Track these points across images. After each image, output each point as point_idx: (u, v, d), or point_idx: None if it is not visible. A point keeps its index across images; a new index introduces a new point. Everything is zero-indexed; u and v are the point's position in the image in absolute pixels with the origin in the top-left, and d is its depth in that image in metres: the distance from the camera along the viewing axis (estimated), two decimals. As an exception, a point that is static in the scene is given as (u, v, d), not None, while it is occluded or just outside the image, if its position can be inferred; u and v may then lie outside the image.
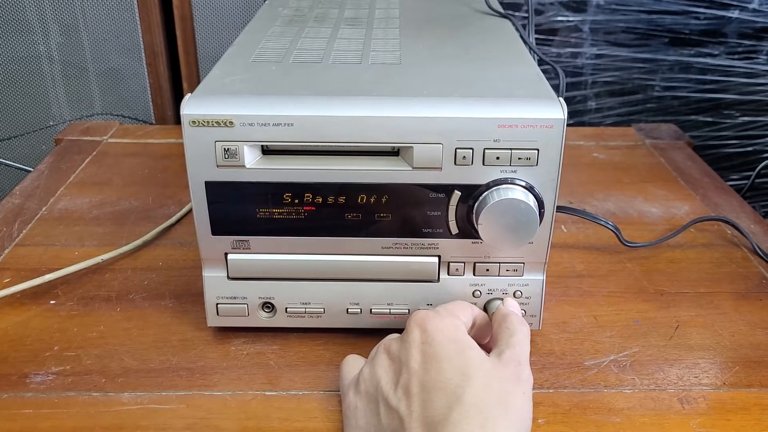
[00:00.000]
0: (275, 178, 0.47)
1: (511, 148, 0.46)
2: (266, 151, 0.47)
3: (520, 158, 0.46)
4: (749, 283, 0.62)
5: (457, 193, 0.47)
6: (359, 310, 0.53)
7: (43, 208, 0.73)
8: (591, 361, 0.53)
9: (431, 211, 0.48)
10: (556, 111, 0.45)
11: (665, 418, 0.48)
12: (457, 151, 0.46)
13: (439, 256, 0.51)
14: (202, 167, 0.47)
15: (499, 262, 0.51)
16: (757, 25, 1.03)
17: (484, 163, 0.46)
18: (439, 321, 0.44)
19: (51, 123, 1.03)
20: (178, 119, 0.45)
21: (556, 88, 0.51)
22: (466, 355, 0.42)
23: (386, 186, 0.47)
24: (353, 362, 0.48)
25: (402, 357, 0.43)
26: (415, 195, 0.48)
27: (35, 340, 0.54)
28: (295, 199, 0.48)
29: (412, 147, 0.46)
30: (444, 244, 0.50)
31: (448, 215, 0.48)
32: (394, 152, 0.47)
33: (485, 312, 0.51)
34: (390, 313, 0.53)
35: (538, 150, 0.46)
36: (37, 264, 0.63)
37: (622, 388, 0.50)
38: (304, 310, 0.53)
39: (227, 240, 0.50)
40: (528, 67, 0.54)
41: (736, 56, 1.05)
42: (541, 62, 0.59)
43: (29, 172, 0.83)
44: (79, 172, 0.81)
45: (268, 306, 0.53)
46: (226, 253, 0.51)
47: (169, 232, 0.69)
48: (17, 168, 1.02)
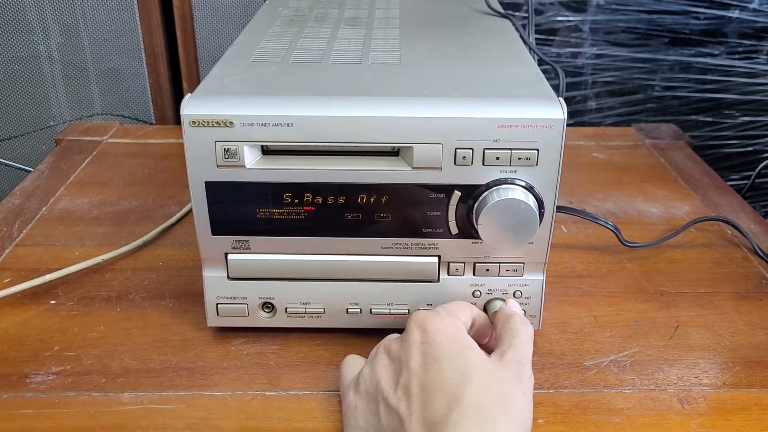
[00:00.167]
0: (275, 178, 0.47)
1: (511, 148, 0.46)
2: (266, 151, 0.47)
3: (520, 158, 0.46)
4: (749, 283, 0.62)
5: (457, 193, 0.47)
6: (359, 310, 0.53)
7: (44, 208, 0.73)
8: (591, 361, 0.53)
9: (431, 211, 0.48)
10: (556, 111, 0.45)
11: (665, 419, 0.48)
12: (457, 151, 0.46)
13: (439, 256, 0.51)
14: (202, 167, 0.47)
15: (499, 262, 0.51)
16: (758, 24, 1.03)
17: (484, 163, 0.46)
18: (439, 321, 0.44)
19: (51, 123, 1.03)
20: (178, 119, 0.45)
21: (556, 88, 0.51)
22: (466, 355, 0.42)
23: (386, 186, 0.47)
24: (353, 362, 0.48)
25: (402, 357, 0.43)
26: (415, 195, 0.48)
27: (35, 340, 0.54)
28: (295, 199, 0.48)
29: (412, 147, 0.46)
30: (444, 244, 0.50)
31: (448, 215, 0.48)
32: (394, 152, 0.47)
33: (485, 312, 0.51)
34: (390, 314, 0.53)
35: (538, 150, 0.46)
36: (38, 264, 0.63)
37: (622, 388, 0.50)
38: (304, 310, 0.53)
39: (227, 240, 0.50)
40: (528, 67, 0.54)
41: (737, 56, 1.05)
42: (541, 62, 0.59)
43: (29, 172, 0.83)
44: (80, 172, 0.81)
45: (268, 306, 0.53)
46: (226, 253, 0.51)
47: (169, 232, 0.69)
48: (17, 168, 1.02)
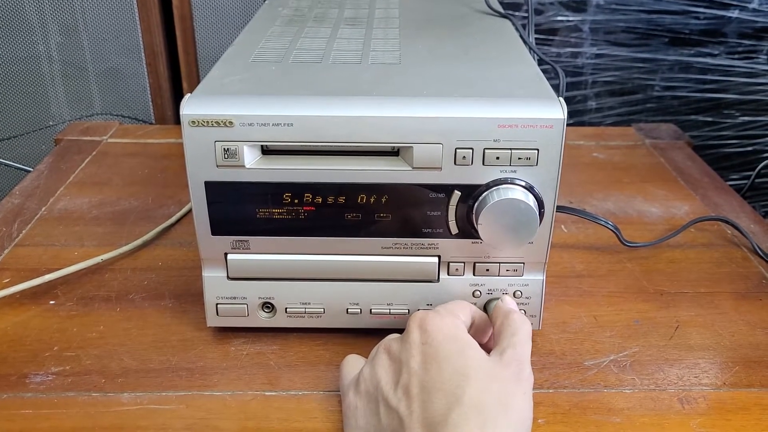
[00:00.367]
0: (275, 178, 0.47)
1: (511, 148, 0.46)
2: (266, 151, 0.47)
3: (520, 158, 0.46)
4: (749, 283, 0.62)
5: (457, 193, 0.47)
6: (359, 310, 0.53)
7: (43, 208, 0.73)
8: (591, 361, 0.53)
9: (431, 211, 0.48)
10: (556, 111, 0.45)
11: (665, 418, 0.48)
12: (457, 151, 0.46)
13: (439, 256, 0.51)
14: (202, 167, 0.47)
15: (499, 262, 0.51)
16: (757, 24, 1.03)
17: (484, 163, 0.46)
18: (440, 321, 0.44)
19: (51, 123, 1.03)
20: (178, 119, 0.45)
21: (556, 88, 0.51)
22: (466, 355, 0.42)
23: (386, 186, 0.47)
24: (353, 362, 0.48)
25: (402, 357, 0.43)
26: (415, 195, 0.48)
27: (35, 341, 0.54)
28: (294, 199, 0.48)
29: (412, 147, 0.46)
30: (444, 244, 0.50)
31: (448, 215, 0.48)
32: (394, 152, 0.47)
33: (485, 312, 0.51)
34: (390, 314, 0.53)
35: (538, 150, 0.46)
36: (37, 264, 0.63)
37: (622, 388, 0.50)
38: (303, 310, 0.53)
39: (227, 240, 0.50)
40: (528, 67, 0.54)
41: (736, 56, 1.05)
42: (541, 62, 0.59)
43: (29, 172, 0.83)
44: (79, 172, 0.81)
45: (268, 306, 0.53)
46: (226, 253, 0.50)
47: (169, 232, 0.69)
48: (17, 168, 1.02)
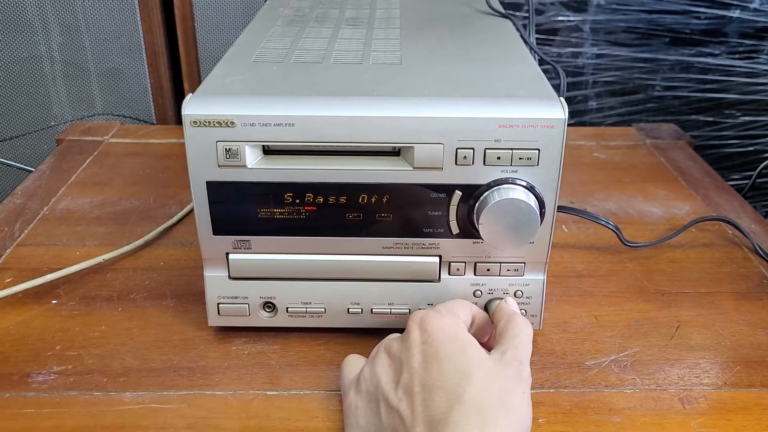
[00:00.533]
0: (276, 178, 0.47)
1: (511, 148, 0.46)
2: (267, 151, 0.47)
3: (520, 158, 0.46)
4: (750, 283, 0.62)
5: (458, 193, 0.47)
6: (360, 310, 0.53)
7: (45, 208, 0.73)
8: (592, 360, 0.53)
9: (432, 211, 0.48)
10: (557, 111, 0.45)
11: (666, 418, 0.48)
12: (458, 151, 0.46)
13: (440, 256, 0.51)
14: (204, 167, 0.47)
15: (500, 262, 0.51)
16: (758, 24, 1.03)
17: (484, 163, 0.46)
18: (440, 320, 0.44)
19: (52, 123, 1.04)
20: (180, 119, 0.46)
21: (557, 88, 0.51)
22: (466, 354, 0.42)
23: (387, 186, 0.47)
24: (354, 362, 0.48)
25: (402, 356, 0.43)
26: (416, 195, 0.48)
27: (37, 340, 0.54)
28: (296, 199, 0.48)
29: (413, 147, 0.46)
30: (445, 244, 0.50)
31: (449, 215, 0.48)
32: (395, 152, 0.47)
33: (485, 311, 0.51)
34: (391, 313, 0.53)
35: (538, 150, 0.46)
36: (39, 264, 0.63)
37: (622, 387, 0.50)
38: (305, 309, 0.53)
39: (228, 240, 0.50)
40: (529, 67, 0.54)
41: (737, 56, 1.05)
42: (541, 62, 0.59)
43: (31, 172, 0.83)
44: (81, 172, 0.81)
45: (269, 306, 0.53)
46: (228, 253, 0.51)
47: (171, 232, 0.69)
48: (19, 168, 1.02)
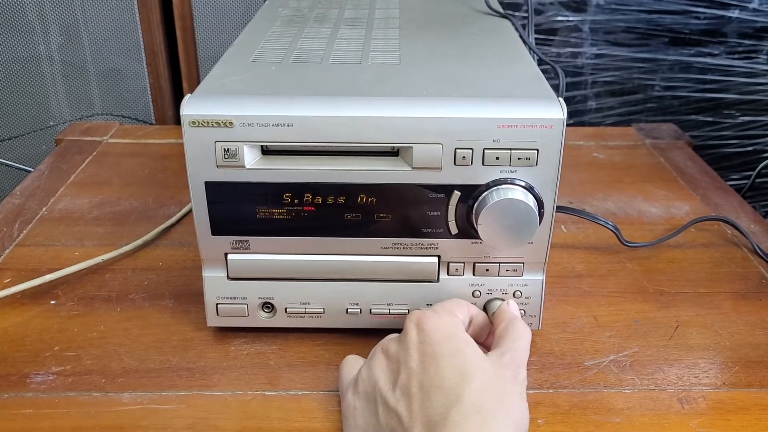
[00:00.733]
0: (275, 179, 0.47)
1: (510, 148, 0.46)
2: (266, 152, 0.47)
3: (519, 158, 0.46)
4: (749, 283, 0.62)
5: (457, 194, 0.47)
6: (359, 311, 0.53)
7: (44, 209, 0.73)
8: (591, 361, 0.53)
9: (431, 212, 0.48)
10: (556, 111, 0.45)
11: (665, 418, 0.48)
12: (457, 151, 0.46)
13: (439, 257, 0.51)
14: (202, 167, 0.47)
15: (499, 262, 0.51)
16: (757, 24, 1.03)
17: (483, 163, 0.46)
18: (437, 320, 0.44)
19: (51, 123, 1.03)
20: (178, 119, 0.45)
21: (556, 88, 0.51)
22: (464, 354, 0.42)
23: (386, 186, 0.47)
24: (352, 362, 0.48)
25: (400, 357, 0.43)
26: (415, 195, 0.48)
27: (35, 340, 0.54)
28: (294, 200, 0.48)
29: (412, 147, 0.46)
30: (444, 245, 0.50)
31: (447, 215, 0.48)
32: (394, 152, 0.47)
33: (485, 312, 0.51)
34: (389, 314, 0.53)
35: (537, 150, 0.46)
36: (38, 264, 0.63)
37: (621, 388, 0.50)
38: (303, 310, 0.53)
39: (227, 240, 0.50)
40: (528, 67, 0.54)
41: (737, 56, 1.05)
42: (540, 62, 0.59)
43: (29, 172, 0.83)
44: (80, 173, 0.81)
45: (268, 306, 0.53)
46: (226, 254, 0.51)
47: (169, 233, 0.69)
48: (18, 168, 1.02)
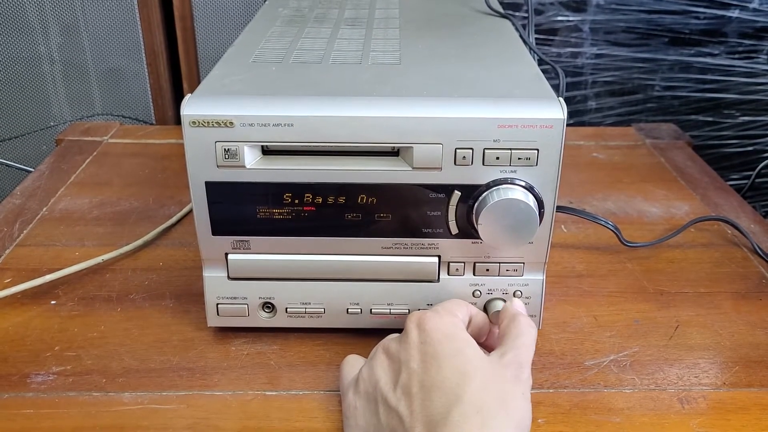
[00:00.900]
0: (275, 179, 0.47)
1: (510, 148, 0.46)
2: (266, 152, 0.47)
3: (519, 158, 0.46)
4: (749, 283, 0.62)
5: (457, 193, 0.47)
6: (359, 310, 0.53)
7: (44, 209, 0.73)
8: (591, 360, 0.53)
9: (431, 211, 0.48)
10: (556, 111, 0.45)
11: (665, 418, 0.48)
12: (457, 151, 0.46)
13: (439, 256, 0.51)
14: (203, 167, 0.47)
15: (499, 262, 0.51)
16: (758, 24, 1.03)
17: (483, 163, 0.46)
18: (438, 320, 0.44)
19: (51, 123, 1.03)
20: (179, 119, 0.45)
21: (556, 88, 0.51)
22: (465, 354, 0.42)
23: (386, 186, 0.47)
24: (353, 362, 0.48)
25: (401, 357, 0.43)
26: (415, 195, 0.48)
27: (36, 341, 0.54)
28: (295, 200, 0.48)
29: (412, 147, 0.46)
30: (444, 244, 0.50)
31: (448, 215, 0.48)
32: (394, 152, 0.47)
33: (485, 312, 0.51)
34: (390, 313, 0.53)
35: (537, 150, 0.46)
36: (38, 264, 0.63)
37: (622, 387, 0.50)
38: (304, 310, 0.53)
39: (227, 240, 0.50)
40: (528, 67, 0.54)
41: (737, 56, 1.05)
42: (541, 62, 0.59)
43: (30, 172, 0.83)
44: (80, 173, 0.81)
45: (269, 306, 0.53)
46: (227, 254, 0.51)
47: (170, 233, 0.69)
48: (18, 168, 1.02)
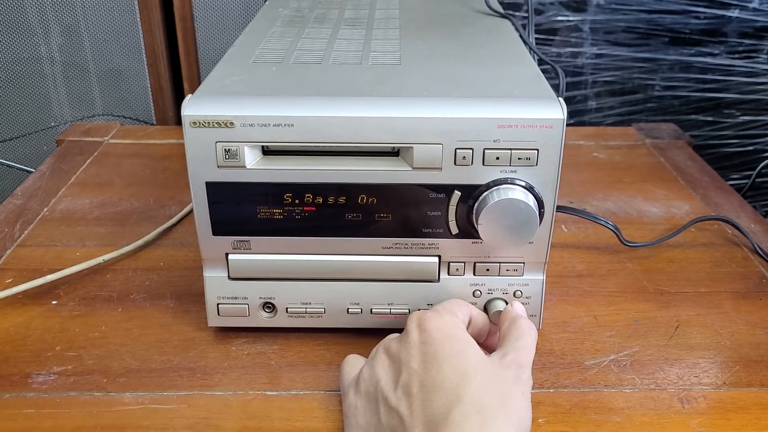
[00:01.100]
0: (276, 179, 0.47)
1: (510, 148, 0.46)
2: (267, 152, 0.47)
3: (519, 158, 0.46)
4: (749, 283, 0.62)
5: (457, 193, 0.47)
6: (360, 310, 0.53)
7: (45, 209, 0.73)
8: (591, 360, 0.53)
9: (431, 211, 0.48)
10: (556, 111, 0.45)
11: (665, 418, 0.48)
12: (457, 151, 0.46)
13: (440, 256, 0.51)
14: (203, 168, 0.47)
15: (499, 262, 0.51)
16: (758, 24, 1.03)
17: (484, 163, 0.46)
18: (439, 320, 0.44)
19: (52, 124, 1.04)
20: (179, 120, 0.46)
21: (556, 88, 0.51)
22: (465, 355, 0.42)
23: (386, 186, 0.47)
24: (354, 362, 0.48)
25: (402, 357, 0.43)
26: (415, 195, 0.48)
27: (37, 341, 0.54)
28: (295, 200, 0.48)
29: (412, 147, 0.46)
30: (444, 244, 0.50)
31: (448, 215, 0.49)
32: (394, 152, 0.47)
33: (485, 312, 0.51)
34: (390, 313, 0.53)
35: (537, 150, 0.46)
36: (39, 264, 0.63)
37: (622, 387, 0.50)
38: (304, 310, 0.53)
39: (228, 240, 0.50)
40: (528, 67, 0.54)
41: (737, 55, 1.05)
42: (541, 62, 0.59)
43: (31, 172, 0.83)
44: (81, 173, 0.81)
45: (269, 306, 0.53)
46: (227, 254, 0.51)
47: (170, 233, 0.69)
48: (19, 169, 1.02)
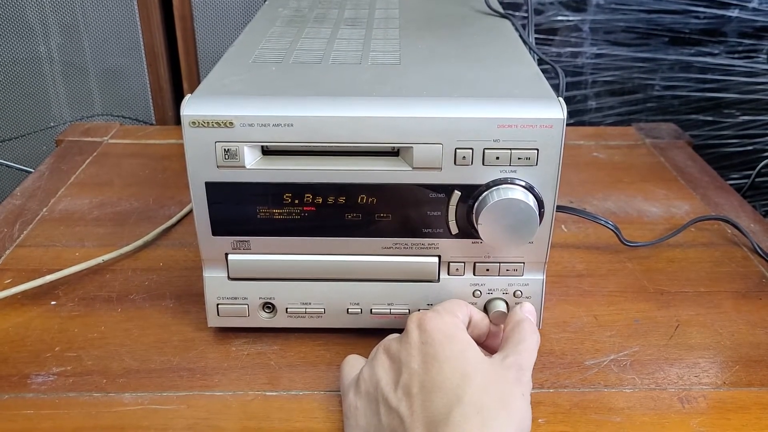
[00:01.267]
0: (275, 179, 0.47)
1: (510, 148, 0.46)
2: (266, 152, 0.47)
3: (519, 158, 0.46)
4: (749, 283, 0.62)
5: (457, 193, 0.47)
6: (359, 310, 0.53)
7: (44, 209, 0.73)
8: (591, 360, 0.53)
9: (431, 211, 0.48)
10: (556, 111, 0.45)
11: (665, 418, 0.48)
12: (457, 151, 0.46)
13: (439, 256, 0.51)
14: (203, 168, 0.47)
15: (499, 262, 0.51)
16: (757, 24, 1.03)
17: (483, 163, 0.46)
18: (439, 320, 0.44)
19: (51, 124, 1.04)
20: (179, 120, 0.46)
21: (556, 88, 0.51)
22: (466, 355, 0.42)
23: (386, 186, 0.47)
24: (354, 362, 0.48)
25: (402, 357, 0.43)
26: (415, 195, 0.48)
27: (36, 341, 0.54)
28: (295, 200, 0.48)
29: (412, 147, 0.46)
30: (444, 244, 0.50)
31: (448, 215, 0.48)
32: (394, 152, 0.47)
33: (485, 312, 0.51)
34: (390, 313, 0.53)
35: (537, 150, 0.46)
36: (38, 265, 0.63)
37: (622, 387, 0.50)
38: (304, 310, 0.53)
39: (228, 240, 0.50)
40: (528, 67, 0.54)
41: (736, 55, 1.05)
42: (540, 62, 0.59)
43: (30, 173, 0.83)
44: (80, 173, 0.81)
45: (269, 306, 0.53)
46: (227, 254, 0.51)
47: (170, 233, 0.69)
48: (18, 169, 1.02)
